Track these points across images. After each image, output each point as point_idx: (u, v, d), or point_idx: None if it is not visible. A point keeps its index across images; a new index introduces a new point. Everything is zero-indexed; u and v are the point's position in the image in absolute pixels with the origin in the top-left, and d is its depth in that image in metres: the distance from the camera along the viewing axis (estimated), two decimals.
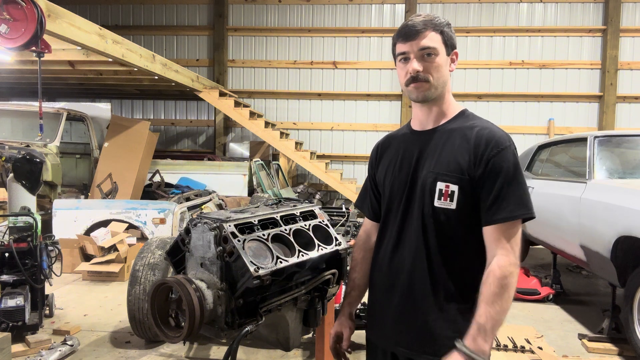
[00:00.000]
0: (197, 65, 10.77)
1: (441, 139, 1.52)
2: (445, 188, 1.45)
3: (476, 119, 1.55)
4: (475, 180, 1.44)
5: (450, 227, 1.46)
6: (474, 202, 1.45)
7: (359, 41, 10.40)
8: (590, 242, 3.98)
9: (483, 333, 1.33)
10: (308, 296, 2.13)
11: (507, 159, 1.43)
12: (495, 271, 1.37)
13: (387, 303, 1.58)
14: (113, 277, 5.48)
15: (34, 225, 3.89)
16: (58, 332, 3.86)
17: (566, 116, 9.93)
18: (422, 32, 1.47)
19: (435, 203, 1.47)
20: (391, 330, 1.57)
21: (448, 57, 1.52)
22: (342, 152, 10.59)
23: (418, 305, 1.50)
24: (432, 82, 1.49)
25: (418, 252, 1.50)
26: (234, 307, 1.75)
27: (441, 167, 1.48)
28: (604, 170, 4.24)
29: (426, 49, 1.47)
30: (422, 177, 1.51)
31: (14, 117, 7.28)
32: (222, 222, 1.78)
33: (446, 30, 1.50)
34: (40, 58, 4.43)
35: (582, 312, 4.64)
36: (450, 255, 1.47)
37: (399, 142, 1.67)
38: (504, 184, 1.41)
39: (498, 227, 1.41)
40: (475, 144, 1.45)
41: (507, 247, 1.40)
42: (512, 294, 1.37)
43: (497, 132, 1.47)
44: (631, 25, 9.74)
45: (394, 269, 1.56)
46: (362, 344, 3.80)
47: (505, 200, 1.40)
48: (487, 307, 1.34)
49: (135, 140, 7.29)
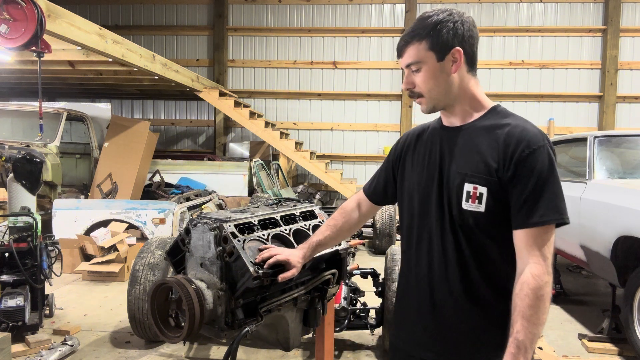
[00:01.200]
0: (197, 65, 10.77)
1: (470, 138, 1.43)
2: (474, 190, 1.37)
3: (509, 116, 1.44)
4: (505, 182, 1.34)
5: (481, 231, 1.38)
6: (505, 204, 1.35)
7: (359, 41, 10.41)
8: (590, 242, 3.98)
9: (524, 351, 1.25)
10: (308, 296, 2.13)
11: (540, 160, 1.32)
12: (530, 282, 1.28)
13: (415, 308, 1.52)
14: (113, 277, 5.48)
15: (34, 225, 3.89)
16: (58, 332, 3.86)
17: (566, 116, 9.94)
18: (404, 48, 1.43)
19: (463, 205, 1.38)
20: (420, 336, 1.51)
21: (443, 62, 1.39)
22: (342, 152, 10.60)
23: (450, 309, 1.44)
24: (425, 95, 1.43)
25: (448, 255, 1.42)
26: (234, 307, 1.75)
27: (469, 167, 1.39)
28: (604, 170, 4.24)
29: (409, 65, 1.42)
30: (449, 177, 1.42)
31: (14, 117, 7.28)
32: (222, 222, 1.78)
33: (433, 33, 1.37)
34: (40, 58, 4.43)
35: (582, 312, 4.64)
36: (481, 260, 1.40)
37: (427, 136, 1.56)
38: (535, 186, 1.31)
39: (529, 232, 1.31)
40: (505, 144, 1.35)
41: (539, 254, 1.31)
42: (548, 305, 1.29)
43: (530, 131, 1.37)
44: (631, 25, 9.74)
45: (421, 274, 1.49)
46: (363, 344, 3.80)
47: (536, 203, 1.31)
48: (524, 321, 1.26)
49: (135, 140, 7.29)
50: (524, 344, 1.25)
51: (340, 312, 3.45)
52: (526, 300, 1.27)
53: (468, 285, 1.40)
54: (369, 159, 10.53)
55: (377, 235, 7.09)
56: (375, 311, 3.61)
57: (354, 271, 3.73)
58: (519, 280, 1.31)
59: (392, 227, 7.04)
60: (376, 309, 3.60)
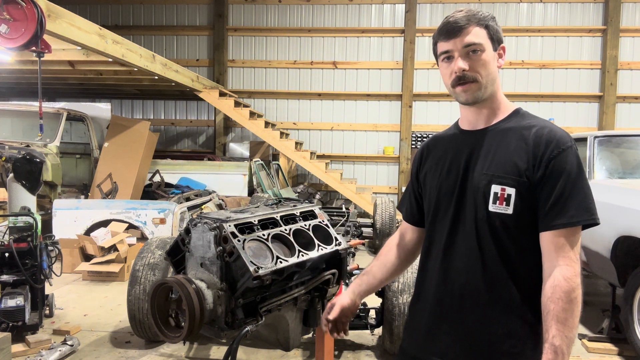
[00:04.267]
0: (197, 65, 10.77)
1: (495, 139, 1.41)
2: (501, 191, 1.34)
3: (533, 118, 1.43)
4: (534, 183, 1.33)
5: (507, 233, 1.35)
6: (532, 206, 1.34)
7: (359, 41, 10.40)
8: (590, 242, 3.98)
9: (561, 356, 1.22)
10: (308, 296, 2.13)
11: (570, 161, 1.32)
12: (562, 285, 1.26)
13: (434, 313, 1.47)
14: (113, 277, 5.48)
15: (34, 225, 3.89)
16: (58, 332, 3.86)
17: (566, 116, 9.93)
18: (465, 27, 1.37)
19: (490, 207, 1.35)
20: (437, 342, 1.46)
21: (495, 53, 1.41)
22: (342, 152, 10.59)
23: (472, 316, 1.39)
24: (480, 81, 1.38)
25: (472, 259, 1.38)
26: (234, 307, 1.75)
27: (496, 169, 1.36)
28: (604, 170, 4.24)
29: (471, 45, 1.36)
30: (474, 179, 1.40)
31: (14, 117, 7.28)
32: (222, 222, 1.78)
33: (491, 24, 1.40)
34: (40, 58, 4.43)
35: (582, 312, 4.63)
36: (507, 264, 1.36)
37: (447, 142, 1.54)
38: (565, 186, 1.30)
39: (558, 234, 1.30)
40: (535, 144, 1.34)
41: (569, 256, 1.29)
42: (580, 308, 1.27)
43: (557, 132, 1.36)
44: (631, 25, 9.74)
45: (445, 278, 1.44)
46: (363, 344, 3.80)
47: (566, 204, 1.29)
48: (559, 326, 1.24)
49: (135, 140, 7.29)
50: (561, 349, 1.23)
51: None
52: (560, 304, 1.25)
53: (493, 289, 1.37)
54: (369, 159, 10.53)
55: (377, 235, 7.09)
56: (375, 311, 3.61)
57: (354, 271, 3.73)
58: (550, 283, 1.29)
59: (392, 227, 7.03)
60: (376, 309, 3.60)
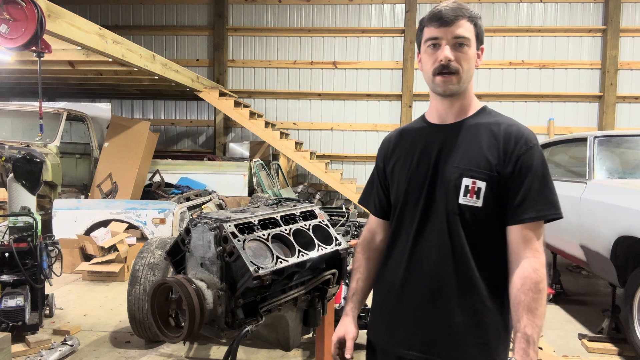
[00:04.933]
0: (197, 65, 10.77)
1: (466, 134, 1.45)
2: (472, 185, 1.39)
3: (499, 116, 1.49)
4: (503, 177, 1.38)
5: (477, 226, 1.40)
6: (501, 199, 1.39)
7: (359, 41, 10.40)
8: (590, 242, 3.98)
9: (533, 344, 1.28)
10: (308, 296, 2.13)
11: (537, 157, 1.39)
12: (532, 276, 1.32)
13: (401, 305, 1.49)
14: (113, 277, 5.48)
15: (34, 225, 3.89)
16: (58, 332, 3.86)
17: (566, 116, 9.93)
18: (458, 19, 1.39)
19: (461, 200, 1.40)
20: (403, 333, 1.48)
21: (476, 52, 1.46)
22: (342, 152, 10.59)
23: (441, 307, 1.42)
24: (461, 74, 1.41)
25: (443, 250, 1.41)
26: (234, 307, 1.75)
27: (468, 162, 1.41)
28: (604, 170, 4.24)
29: (460, 37, 1.40)
30: (445, 172, 1.43)
31: (14, 117, 7.28)
32: (222, 222, 1.78)
33: (479, 22, 1.45)
34: (40, 58, 4.43)
35: (582, 312, 4.64)
36: (475, 255, 1.40)
37: (414, 135, 1.56)
38: (533, 182, 1.37)
39: (526, 227, 1.36)
40: (505, 141, 1.40)
41: (536, 248, 1.35)
42: (546, 297, 1.34)
43: (524, 130, 1.43)
44: (631, 25, 9.74)
45: (413, 269, 1.46)
46: (363, 344, 3.79)
47: (534, 199, 1.36)
48: (530, 315, 1.29)
49: (135, 140, 7.29)
50: (532, 338, 1.29)
51: (340, 312, 3.45)
52: (530, 295, 1.31)
53: (462, 280, 1.41)
54: (369, 159, 10.52)
55: None
56: None
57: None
58: (519, 275, 1.34)
59: None
60: None
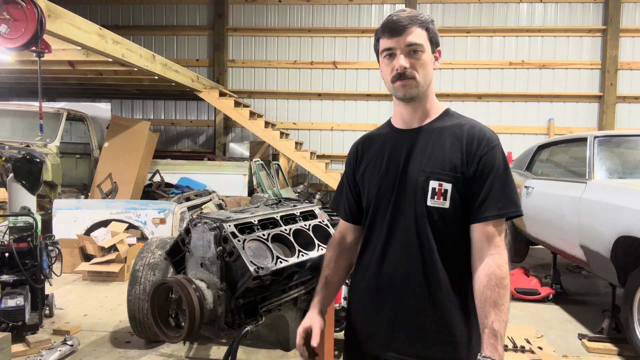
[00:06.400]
0: (197, 65, 10.77)
1: (431, 138, 1.49)
2: (439, 187, 1.43)
3: (462, 118, 1.54)
4: (467, 178, 1.43)
5: (445, 227, 1.44)
6: (466, 199, 1.44)
7: (359, 41, 10.40)
8: (590, 242, 3.98)
9: (500, 339, 1.32)
10: (308, 296, 2.13)
11: (498, 157, 1.43)
12: (497, 272, 1.36)
13: (376, 307, 1.53)
14: (113, 277, 5.48)
15: (34, 225, 3.89)
16: (58, 332, 3.86)
17: (566, 116, 9.93)
18: (408, 27, 1.43)
19: (428, 202, 1.43)
20: (381, 335, 1.52)
21: (432, 55, 1.49)
22: (342, 152, 10.59)
23: (413, 307, 1.46)
24: (418, 79, 1.45)
25: (412, 251, 1.46)
26: (234, 307, 1.75)
27: (433, 165, 1.45)
28: (603, 170, 4.24)
29: (413, 45, 1.43)
30: (412, 176, 1.47)
31: (14, 117, 7.28)
32: (222, 222, 1.78)
33: (431, 27, 1.48)
34: (40, 58, 4.43)
35: (582, 312, 4.64)
36: (445, 255, 1.44)
37: (382, 140, 1.60)
38: (494, 181, 1.41)
39: (488, 224, 1.40)
40: (468, 142, 1.44)
41: (498, 244, 1.40)
42: (509, 293, 1.38)
43: (486, 131, 1.47)
44: (631, 25, 9.74)
45: (385, 272, 1.51)
46: None
47: (495, 197, 1.40)
48: (497, 311, 1.33)
49: (135, 140, 7.29)
50: (500, 333, 1.32)
51: (340, 312, 3.45)
52: (496, 290, 1.34)
53: (431, 279, 1.44)
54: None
55: None
56: None
57: None
58: (484, 271, 1.38)
59: None
60: None
